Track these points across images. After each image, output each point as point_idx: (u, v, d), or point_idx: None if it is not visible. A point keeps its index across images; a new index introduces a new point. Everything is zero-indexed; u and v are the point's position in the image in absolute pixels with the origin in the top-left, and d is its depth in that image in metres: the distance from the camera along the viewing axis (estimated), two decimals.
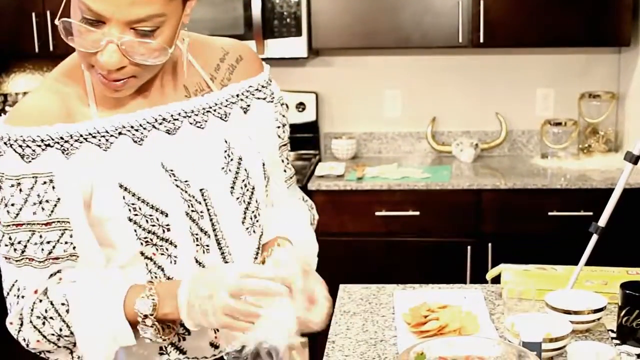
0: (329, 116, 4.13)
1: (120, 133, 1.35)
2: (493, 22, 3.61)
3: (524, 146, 4.09)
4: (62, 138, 1.31)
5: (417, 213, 3.50)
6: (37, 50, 3.77)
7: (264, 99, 1.52)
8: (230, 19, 3.59)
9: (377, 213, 3.51)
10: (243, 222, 1.46)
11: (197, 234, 1.40)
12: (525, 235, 3.47)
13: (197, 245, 1.40)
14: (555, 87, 4.03)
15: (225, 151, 1.44)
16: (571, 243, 2.42)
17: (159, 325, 1.32)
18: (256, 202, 1.48)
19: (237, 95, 1.49)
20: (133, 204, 1.33)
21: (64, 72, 1.39)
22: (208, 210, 1.41)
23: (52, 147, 1.30)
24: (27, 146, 1.29)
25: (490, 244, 3.48)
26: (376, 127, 4.15)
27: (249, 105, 1.50)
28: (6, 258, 1.34)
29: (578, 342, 1.66)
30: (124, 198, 1.33)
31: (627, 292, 1.74)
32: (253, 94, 1.51)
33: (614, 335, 1.79)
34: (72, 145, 1.32)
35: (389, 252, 3.53)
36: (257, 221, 1.48)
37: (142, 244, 1.35)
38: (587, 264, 1.96)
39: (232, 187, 1.44)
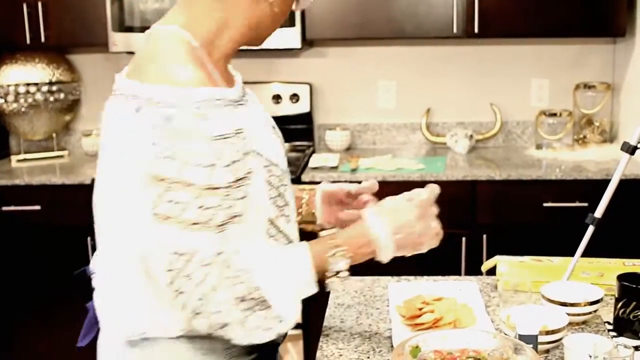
0: (323, 107, 4.11)
1: (241, 104, 1.45)
2: (487, 12, 3.59)
3: (519, 137, 4.08)
4: (232, 99, 1.41)
5: None
6: (28, 41, 3.75)
7: None
8: None
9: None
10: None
11: (289, 191, 1.55)
12: (520, 227, 3.45)
13: (292, 199, 1.56)
14: (550, 77, 4.02)
15: (271, 124, 1.59)
16: (566, 234, 2.41)
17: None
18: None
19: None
20: (267, 167, 1.45)
21: (190, 59, 1.38)
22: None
23: (232, 106, 1.40)
24: (225, 105, 1.37)
25: (485, 235, 3.46)
26: (370, 118, 4.13)
27: None
28: (218, 226, 1.32)
29: (575, 334, 1.64)
30: (260, 162, 1.43)
31: (624, 283, 1.72)
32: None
33: (611, 327, 1.77)
34: (236, 107, 1.42)
35: None
36: None
37: (272, 203, 1.46)
38: (583, 255, 1.95)
39: (282, 148, 1.58)
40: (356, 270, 2.13)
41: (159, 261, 1.32)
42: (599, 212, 1.90)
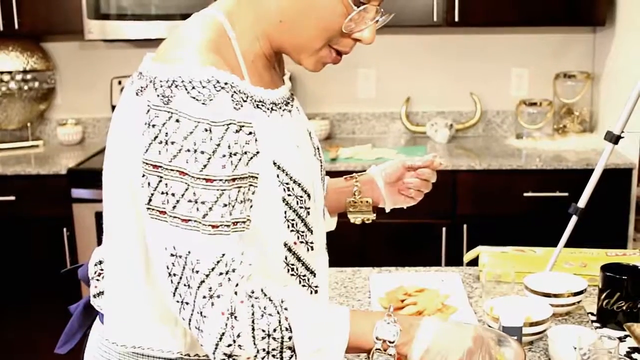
0: (302, 96, 4.07)
1: (272, 109, 1.30)
2: (468, 0, 3.56)
3: (499, 126, 4.06)
4: (252, 96, 1.24)
5: None
6: (1, 28, 3.69)
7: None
8: None
9: None
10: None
11: (315, 218, 1.37)
12: (501, 217, 3.44)
13: (320, 228, 1.39)
14: (530, 67, 4.00)
15: (311, 139, 1.44)
16: (547, 224, 2.39)
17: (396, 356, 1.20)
18: (326, 187, 1.54)
19: (291, 91, 1.43)
20: (287, 184, 1.27)
21: (211, 47, 1.21)
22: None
23: (246, 102, 1.22)
24: (235, 92, 1.19)
25: (465, 226, 3.45)
26: (350, 107, 4.10)
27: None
28: (214, 227, 1.14)
29: (559, 326, 1.63)
30: (278, 177, 1.25)
31: (608, 274, 1.71)
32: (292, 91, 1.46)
33: (594, 318, 1.76)
34: (256, 106, 1.25)
35: (363, 234, 3.49)
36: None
37: (288, 227, 1.29)
38: (566, 245, 1.93)
39: (320, 173, 1.44)
40: (336, 260, 2.11)
41: (160, 265, 1.17)
42: (582, 202, 1.89)
